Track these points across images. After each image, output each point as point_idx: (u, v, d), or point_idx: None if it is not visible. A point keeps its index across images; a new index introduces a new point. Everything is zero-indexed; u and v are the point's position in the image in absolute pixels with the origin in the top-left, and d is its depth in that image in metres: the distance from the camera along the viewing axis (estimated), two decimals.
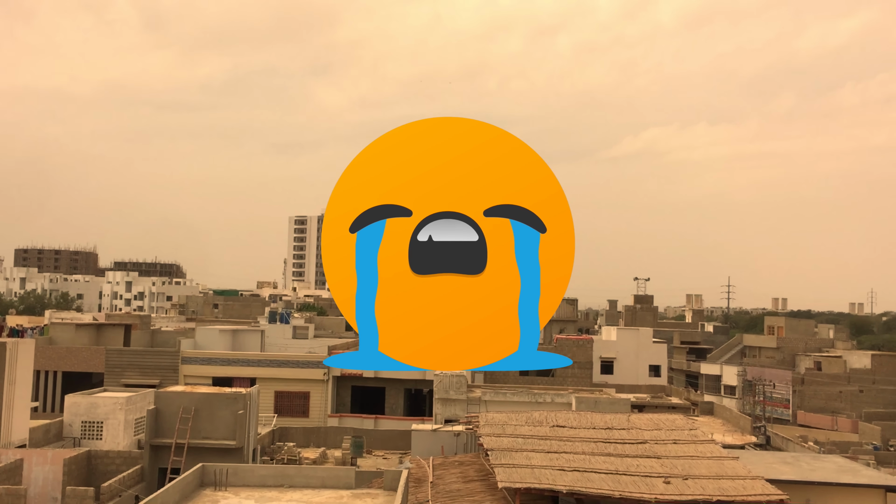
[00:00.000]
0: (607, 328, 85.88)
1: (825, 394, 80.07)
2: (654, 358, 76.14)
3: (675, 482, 21.86)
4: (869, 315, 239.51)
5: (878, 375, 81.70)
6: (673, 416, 29.21)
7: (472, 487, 24.00)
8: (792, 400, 79.02)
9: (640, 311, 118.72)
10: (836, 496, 23.89)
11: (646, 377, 74.49)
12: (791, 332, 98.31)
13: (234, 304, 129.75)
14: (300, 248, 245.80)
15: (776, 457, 29.65)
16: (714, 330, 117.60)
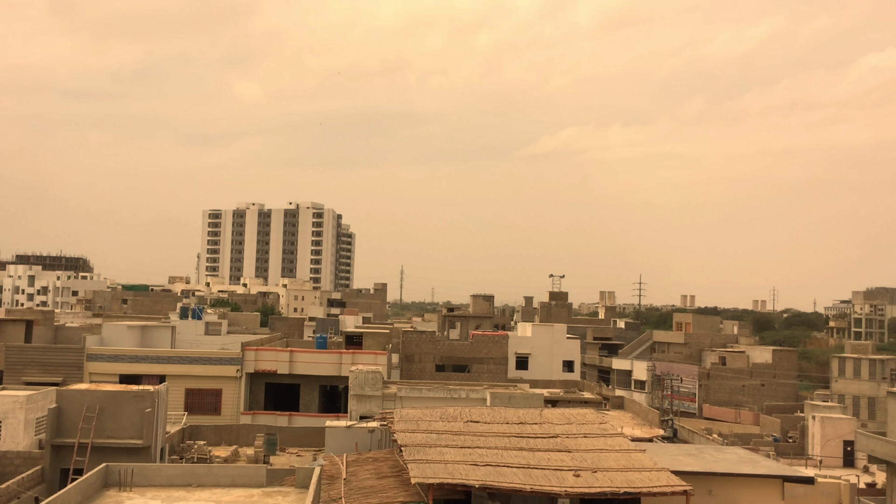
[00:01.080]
0: (523, 324, 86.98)
1: (729, 388, 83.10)
2: (567, 354, 77.50)
3: (585, 475, 22.30)
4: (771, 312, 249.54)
5: (778, 370, 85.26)
6: (584, 411, 29.78)
7: (386, 483, 23.95)
8: (698, 394, 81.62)
9: (556, 307, 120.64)
10: (736, 486, 24.78)
11: (560, 372, 75.75)
12: (698, 329, 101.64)
13: (144, 299, 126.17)
14: (214, 243, 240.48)
15: (681, 449, 30.58)
16: (626, 326, 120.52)
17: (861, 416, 71.05)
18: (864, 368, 75.81)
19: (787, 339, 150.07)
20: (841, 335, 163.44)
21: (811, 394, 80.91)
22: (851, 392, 75.75)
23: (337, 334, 73.28)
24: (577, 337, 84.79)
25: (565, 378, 73.46)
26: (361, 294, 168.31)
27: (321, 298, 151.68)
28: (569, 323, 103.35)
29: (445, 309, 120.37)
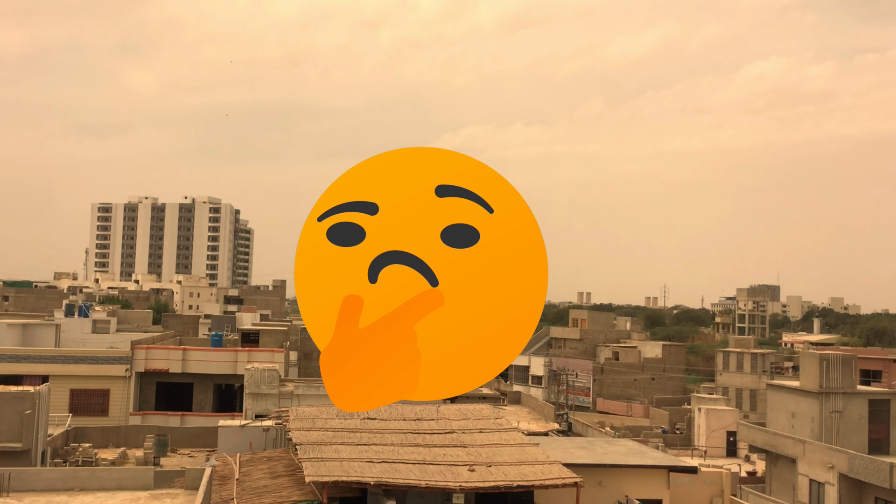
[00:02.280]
0: None
1: (622, 382, 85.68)
2: None
3: (480, 469, 22.58)
4: (662, 308, 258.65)
5: (668, 364, 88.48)
6: (480, 406, 30.14)
7: (280, 483, 23.62)
8: (592, 388, 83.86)
9: None
10: (625, 477, 25.61)
11: None
12: (593, 325, 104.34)
13: (27, 296, 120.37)
14: (104, 238, 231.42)
15: (574, 442, 31.35)
16: None
17: (743, 408, 74.51)
18: (747, 362, 79.52)
19: (677, 334, 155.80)
20: (726, 330, 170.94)
21: (698, 387, 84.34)
22: (735, 385, 79.33)
23: (233, 332, 71.73)
24: None
25: None
26: (260, 291, 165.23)
27: (218, 295, 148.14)
28: None
29: None
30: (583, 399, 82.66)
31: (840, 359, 40.93)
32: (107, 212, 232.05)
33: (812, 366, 40.69)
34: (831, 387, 40.09)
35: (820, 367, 40.19)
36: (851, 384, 40.91)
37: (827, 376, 40.17)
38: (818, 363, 40.31)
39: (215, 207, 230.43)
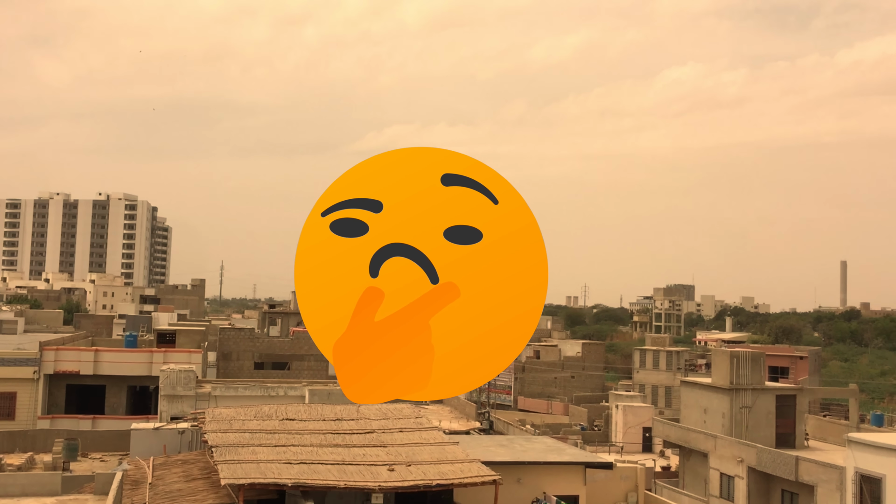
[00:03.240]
0: None
1: (542, 380, 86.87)
2: None
3: (399, 469, 22.55)
4: (582, 308, 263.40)
5: (587, 362, 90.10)
6: (401, 406, 30.09)
7: (195, 486, 23.11)
8: (514, 386, 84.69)
9: None
10: (543, 473, 25.96)
11: None
12: None
13: None
14: (12, 235, 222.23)
15: (494, 440, 31.62)
16: None
17: (659, 405, 76.46)
18: (662, 360, 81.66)
19: (596, 332, 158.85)
20: (644, 329, 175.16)
21: (616, 384, 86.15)
22: (651, 382, 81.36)
23: (149, 332, 69.88)
24: None
25: None
26: (178, 290, 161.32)
27: (133, 295, 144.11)
28: None
29: (267, 305, 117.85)
30: (504, 397, 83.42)
31: (749, 356, 42.37)
32: (15, 208, 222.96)
33: (723, 363, 42.01)
34: (741, 383, 41.47)
35: (730, 364, 41.53)
36: (760, 380, 42.40)
37: (737, 373, 41.54)
38: (729, 360, 41.65)
39: (131, 204, 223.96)
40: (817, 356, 79.44)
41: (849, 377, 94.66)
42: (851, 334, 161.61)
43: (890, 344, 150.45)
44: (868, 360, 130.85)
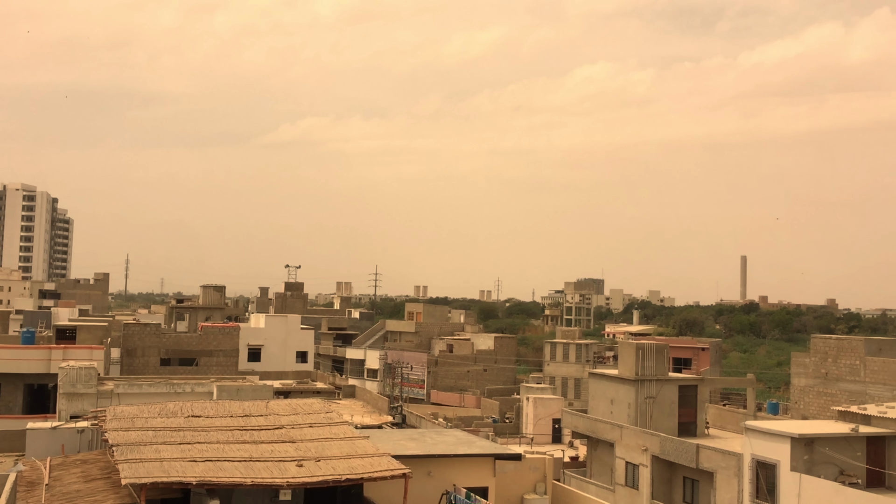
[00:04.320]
0: (256, 315, 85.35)
1: (455, 373, 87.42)
2: (301, 344, 77.42)
3: (308, 464, 22.30)
4: (496, 301, 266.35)
5: (499, 355, 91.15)
6: (311, 401, 29.77)
7: (95, 487, 22.32)
8: (427, 380, 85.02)
9: (291, 298, 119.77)
10: (453, 466, 26.10)
11: (293, 363, 75.44)
12: (428, 318, 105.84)
13: None
14: None
15: (405, 434, 31.63)
16: (360, 316, 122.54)
17: (569, 396, 78.03)
18: (572, 352, 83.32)
19: (509, 326, 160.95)
20: (555, 322, 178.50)
21: (527, 377, 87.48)
22: (561, 374, 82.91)
23: (48, 328, 67.16)
24: (312, 327, 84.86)
25: (298, 369, 73.27)
26: (80, 285, 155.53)
27: (32, 289, 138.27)
28: (304, 314, 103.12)
29: (174, 300, 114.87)
30: (417, 391, 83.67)
31: (654, 348, 43.64)
32: None
33: (629, 355, 43.14)
34: (646, 374, 42.69)
35: (636, 356, 42.69)
36: (664, 372, 43.73)
37: (642, 365, 42.74)
38: (635, 353, 42.80)
39: (30, 195, 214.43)
40: (718, 348, 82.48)
41: (747, 367, 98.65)
42: (750, 326, 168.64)
43: (786, 335, 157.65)
44: (765, 351, 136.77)
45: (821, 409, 43.09)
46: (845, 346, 43.41)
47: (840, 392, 42.65)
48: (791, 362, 47.83)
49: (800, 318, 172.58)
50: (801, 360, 46.17)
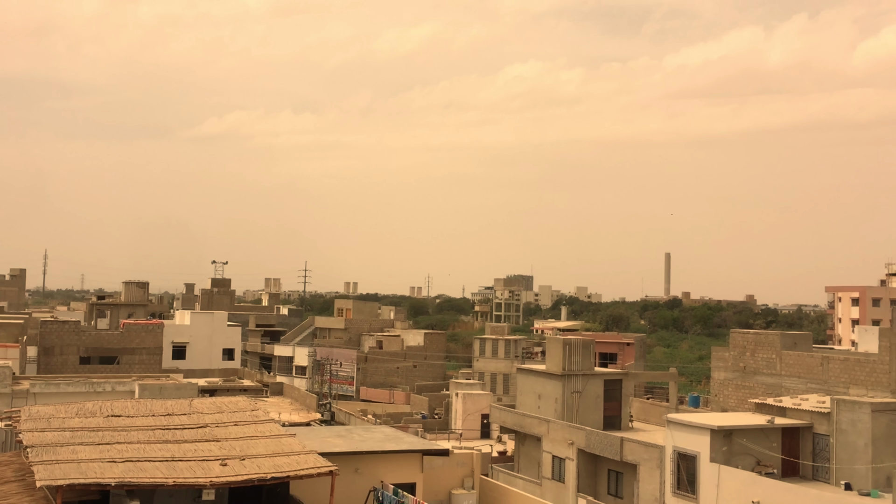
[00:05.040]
0: (181, 312, 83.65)
1: (385, 370, 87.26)
2: (228, 341, 76.29)
3: (232, 463, 21.96)
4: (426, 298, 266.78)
5: (429, 351, 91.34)
6: (236, 399, 29.33)
7: (8, 490, 21.53)
8: (356, 377, 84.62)
9: (218, 294, 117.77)
10: (381, 462, 26.08)
11: (220, 361, 74.28)
12: (358, 314, 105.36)
13: None
14: None
15: (332, 431, 31.46)
16: (289, 313, 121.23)
17: (498, 392, 78.66)
18: (501, 348, 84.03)
19: (439, 322, 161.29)
20: (485, 318, 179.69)
21: (457, 373, 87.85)
22: (490, 370, 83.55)
23: None
24: (239, 324, 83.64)
25: (225, 366, 72.15)
26: None
27: None
28: (231, 310, 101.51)
29: (95, 297, 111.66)
30: (347, 388, 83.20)
31: (580, 343, 44.34)
32: None
33: (557, 350, 43.74)
34: (573, 369, 43.35)
35: (563, 351, 43.30)
36: (590, 366, 44.49)
37: (569, 360, 43.38)
38: (562, 348, 43.40)
39: None
40: (642, 342, 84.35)
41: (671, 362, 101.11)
42: (674, 322, 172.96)
43: (707, 330, 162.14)
44: (688, 345, 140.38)
45: (739, 402, 44.45)
46: (762, 341, 44.87)
47: (757, 385, 44.07)
48: (711, 356, 49.20)
49: (720, 314, 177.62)
50: (721, 355, 47.54)
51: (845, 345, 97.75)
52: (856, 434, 31.67)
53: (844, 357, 41.38)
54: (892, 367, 37.24)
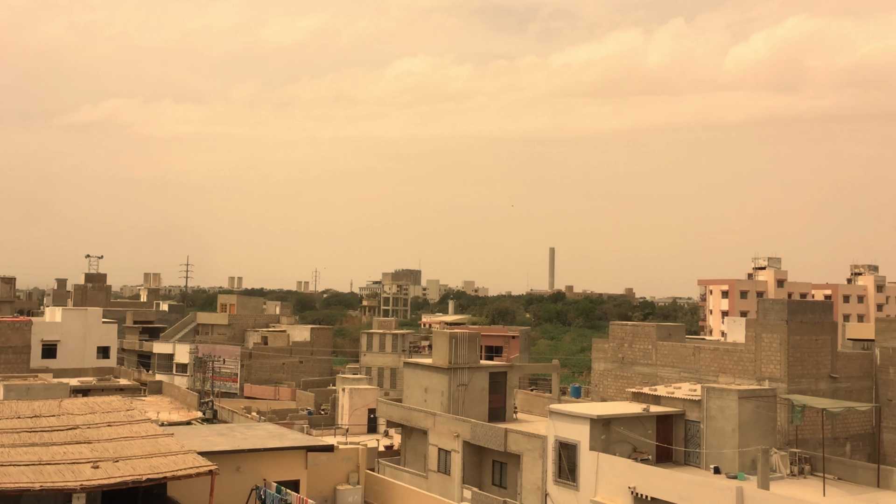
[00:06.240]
0: (52, 309, 79.59)
1: (270, 366, 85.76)
2: (103, 339, 73.34)
3: (105, 465, 21.04)
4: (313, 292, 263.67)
5: (316, 347, 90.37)
6: (110, 399, 28.14)
7: None
8: (240, 374, 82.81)
9: (92, 290, 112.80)
10: (264, 460, 25.57)
11: (94, 359, 71.33)
12: (243, 310, 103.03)
13: None
14: None
15: (213, 429, 30.65)
16: (170, 309, 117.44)
17: (385, 386, 78.60)
18: (388, 342, 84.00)
19: (326, 317, 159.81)
20: (373, 313, 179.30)
21: (344, 368, 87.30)
22: (377, 364, 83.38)
23: None
24: (116, 321, 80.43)
25: (100, 365, 69.27)
26: None
27: None
28: (107, 306, 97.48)
29: None
30: (230, 385, 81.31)
31: (466, 337, 44.81)
32: None
33: (443, 344, 44.05)
34: (459, 363, 43.76)
35: (449, 345, 43.65)
36: (476, 359, 45.03)
37: (455, 353, 43.77)
38: (448, 342, 43.74)
39: None
40: (527, 335, 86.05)
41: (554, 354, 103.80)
42: (557, 315, 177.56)
43: (589, 323, 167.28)
44: (570, 337, 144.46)
45: (618, 392, 46.04)
46: (639, 332, 46.60)
47: (634, 375, 45.76)
48: (592, 348, 50.73)
49: (601, 307, 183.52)
50: (601, 346, 49.09)
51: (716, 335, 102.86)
52: (724, 420, 33.34)
53: (714, 347, 43.49)
54: (758, 356, 39.42)
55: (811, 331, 39.28)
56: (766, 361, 39.06)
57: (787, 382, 37.88)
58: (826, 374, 39.49)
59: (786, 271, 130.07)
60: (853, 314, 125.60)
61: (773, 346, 38.82)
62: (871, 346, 43.53)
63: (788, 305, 39.61)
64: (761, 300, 42.17)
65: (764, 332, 39.34)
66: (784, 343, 38.42)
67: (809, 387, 38.48)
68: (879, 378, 41.64)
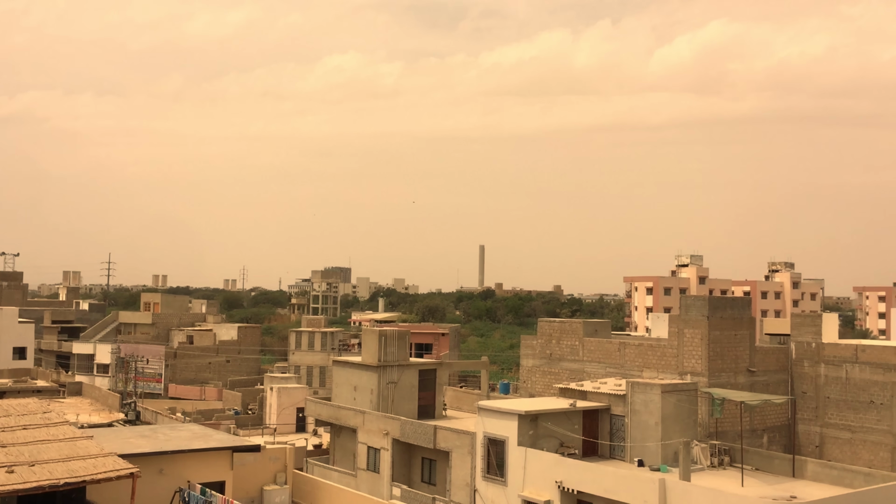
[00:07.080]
0: None
1: (196, 366, 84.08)
2: (19, 339, 71.01)
3: (20, 470, 20.33)
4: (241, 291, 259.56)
5: (243, 346, 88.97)
6: (26, 401, 27.20)
7: None
8: (165, 374, 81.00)
9: (8, 288, 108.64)
10: (188, 462, 25.05)
11: (9, 360, 68.96)
12: (167, 308, 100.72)
13: None
14: None
15: (135, 431, 29.89)
16: (90, 308, 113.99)
17: (314, 385, 77.93)
18: (318, 341, 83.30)
19: (254, 316, 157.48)
20: (302, 311, 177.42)
21: (272, 367, 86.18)
22: (306, 363, 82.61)
23: None
24: (33, 321, 77.77)
25: (16, 366, 66.98)
26: None
27: None
28: (24, 306, 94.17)
29: None
30: (154, 385, 79.42)
31: (396, 335, 44.74)
32: None
33: (372, 342, 43.89)
34: (388, 360, 43.67)
35: (379, 342, 43.52)
36: (405, 357, 45.00)
37: (385, 351, 43.66)
38: (377, 339, 43.61)
39: None
40: (457, 333, 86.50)
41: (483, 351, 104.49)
42: (487, 312, 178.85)
43: (518, 319, 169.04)
44: (500, 334, 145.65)
45: (546, 388, 46.61)
46: (567, 329, 47.28)
47: (562, 370, 46.41)
48: (521, 344, 51.25)
49: (530, 304, 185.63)
50: (529, 343, 49.63)
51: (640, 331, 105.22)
52: (648, 414, 34.10)
53: (639, 342, 44.43)
54: (681, 351, 40.43)
55: (731, 326, 40.46)
56: (688, 356, 40.09)
57: (707, 376, 38.93)
58: (745, 368, 40.75)
59: (707, 268, 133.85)
60: (770, 310, 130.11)
61: (694, 341, 39.86)
62: (787, 340, 45.07)
63: (709, 301, 40.70)
64: (684, 297, 43.22)
65: (686, 327, 40.36)
66: (705, 338, 39.48)
67: (729, 380, 39.63)
68: (795, 371, 43.17)
